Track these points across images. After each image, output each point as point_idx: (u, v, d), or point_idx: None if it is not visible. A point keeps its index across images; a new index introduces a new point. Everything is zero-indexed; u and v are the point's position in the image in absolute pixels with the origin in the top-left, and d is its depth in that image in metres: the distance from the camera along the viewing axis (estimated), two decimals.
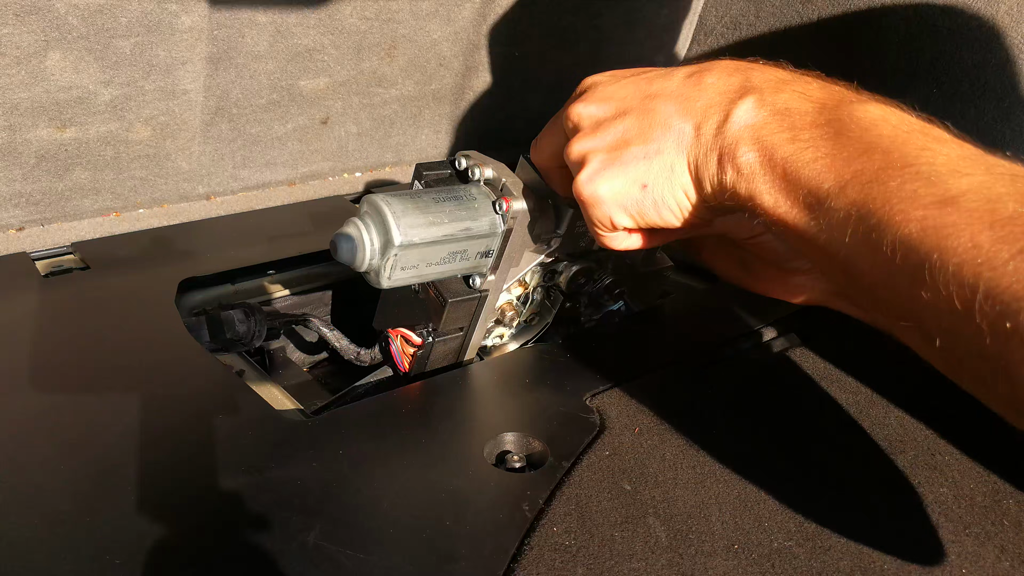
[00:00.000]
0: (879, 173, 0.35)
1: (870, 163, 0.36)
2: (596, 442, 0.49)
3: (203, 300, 0.70)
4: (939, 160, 0.35)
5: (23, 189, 0.71)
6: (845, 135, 0.38)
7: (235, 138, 0.81)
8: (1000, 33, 0.82)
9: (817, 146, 0.38)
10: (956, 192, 0.33)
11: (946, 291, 0.32)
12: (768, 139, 0.40)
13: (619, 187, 0.46)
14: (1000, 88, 0.83)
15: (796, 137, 0.39)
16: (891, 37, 0.90)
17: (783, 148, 0.39)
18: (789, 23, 0.99)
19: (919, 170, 0.34)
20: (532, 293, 0.61)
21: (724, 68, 0.44)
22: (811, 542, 0.43)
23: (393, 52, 0.85)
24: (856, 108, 0.39)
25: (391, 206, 0.48)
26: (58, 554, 0.39)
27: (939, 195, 0.33)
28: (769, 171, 0.40)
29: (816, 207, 0.38)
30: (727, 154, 0.41)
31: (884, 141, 0.37)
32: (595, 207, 0.47)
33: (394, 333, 0.57)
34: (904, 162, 0.35)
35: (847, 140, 0.38)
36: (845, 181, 0.36)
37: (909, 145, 0.36)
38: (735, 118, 0.41)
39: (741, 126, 0.41)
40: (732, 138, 0.41)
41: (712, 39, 1.10)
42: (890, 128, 0.37)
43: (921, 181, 0.34)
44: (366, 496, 0.44)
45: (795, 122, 0.40)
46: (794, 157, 0.39)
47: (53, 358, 0.55)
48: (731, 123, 0.42)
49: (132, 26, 0.67)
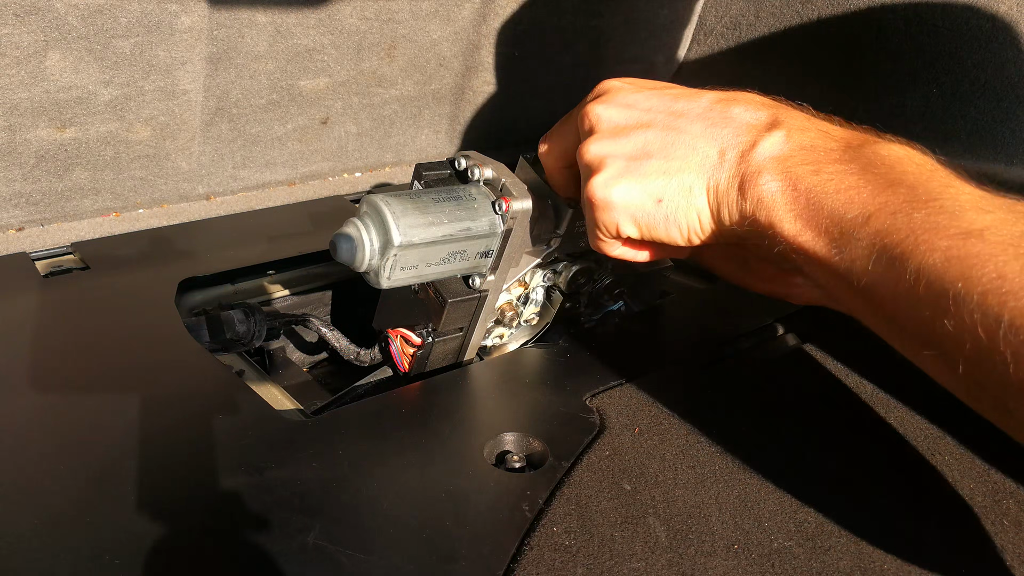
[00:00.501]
0: (904, 205, 0.36)
1: (895, 196, 0.37)
2: (596, 442, 0.49)
3: (203, 300, 0.70)
4: (963, 197, 0.36)
5: (23, 189, 0.71)
6: (870, 171, 0.39)
7: (235, 138, 0.81)
8: (1000, 33, 0.82)
9: (842, 179, 0.39)
10: (981, 226, 0.34)
11: (970, 320, 0.32)
12: (793, 170, 0.41)
13: (634, 197, 0.46)
14: (1000, 88, 0.83)
15: (821, 170, 0.40)
16: (891, 37, 0.90)
17: (807, 179, 0.40)
18: (789, 23, 0.99)
19: (943, 204, 0.35)
20: (532, 293, 0.61)
21: (752, 101, 0.45)
22: (811, 542, 0.43)
23: (393, 52, 0.85)
24: (880, 147, 0.40)
25: (390, 206, 0.48)
26: (58, 554, 0.39)
27: (964, 228, 0.34)
28: (792, 200, 0.40)
29: (839, 237, 0.38)
30: (750, 182, 0.42)
31: (909, 177, 0.37)
32: (605, 212, 0.47)
33: (394, 333, 0.57)
34: (929, 196, 0.36)
35: (872, 175, 0.38)
36: (870, 213, 0.37)
37: (933, 182, 0.37)
38: (761, 148, 0.42)
39: (767, 156, 0.42)
40: (756, 167, 0.42)
41: (712, 39, 1.10)
42: (914, 166, 0.38)
43: (946, 214, 0.35)
44: (366, 496, 0.44)
45: (820, 157, 0.41)
46: (818, 188, 0.39)
47: (53, 358, 0.55)
48: (757, 152, 0.42)
49: (132, 26, 0.67)
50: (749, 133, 0.43)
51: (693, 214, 0.45)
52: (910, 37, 0.88)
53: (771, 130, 0.43)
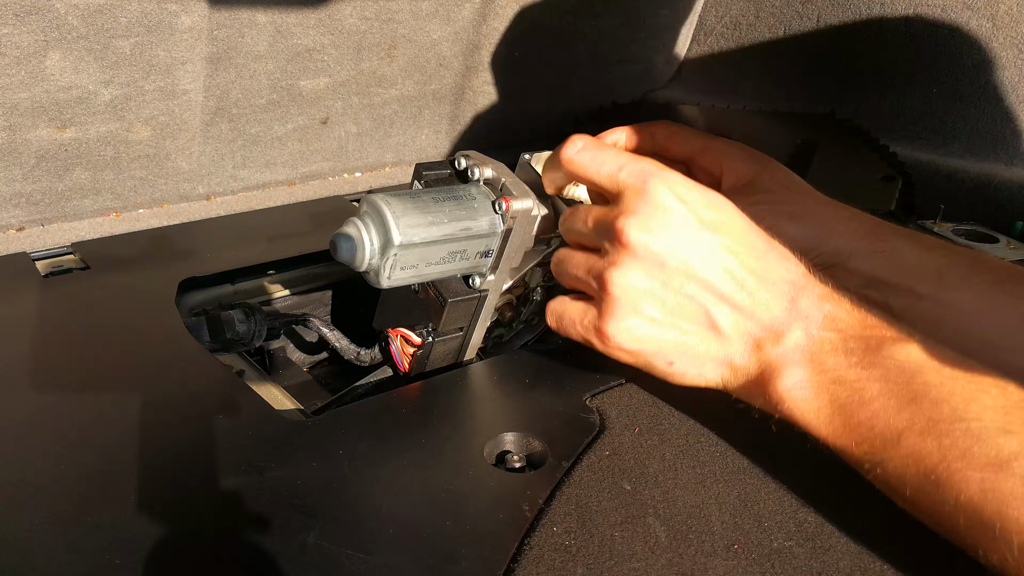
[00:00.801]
0: (931, 425, 0.37)
1: (920, 413, 0.38)
2: (596, 442, 0.49)
3: (203, 300, 0.70)
4: (987, 416, 0.37)
5: (23, 189, 0.71)
6: (892, 381, 0.39)
7: (235, 138, 0.81)
8: (1000, 33, 0.82)
9: (865, 388, 0.40)
10: (1008, 453, 0.35)
11: (1012, 559, 0.34)
12: (815, 379, 0.42)
13: (644, 349, 0.47)
14: (1000, 88, 0.83)
15: (843, 379, 0.41)
16: (891, 37, 0.90)
17: (831, 389, 0.41)
18: (789, 23, 0.99)
19: (969, 426, 0.36)
20: (532, 293, 0.61)
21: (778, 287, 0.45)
22: (811, 542, 0.43)
23: (393, 52, 0.85)
24: (898, 351, 0.40)
25: (390, 206, 0.48)
26: (58, 554, 0.39)
27: (993, 456, 0.35)
28: (817, 409, 0.42)
29: (871, 452, 0.40)
30: (771, 379, 0.43)
31: (932, 391, 0.38)
32: (602, 343, 0.47)
33: (394, 333, 0.57)
34: (954, 416, 0.37)
35: (894, 387, 0.39)
36: (898, 431, 0.38)
37: (956, 396, 0.38)
38: (785, 345, 0.43)
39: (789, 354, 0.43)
40: (776, 367, 0.43)
41: (712, 39, 1.10)
42: (935, 375, 0.39)
43: (973, 438, 0.36)
44: (366, 496, 0.44)
45: (840, 363, 0.41)
46: (844, 399, 0.41)
47: (53, 358, 0.55)
48: (780, 352, 0.43)
49: (132, 26, 0.67)
50: (773, 327, 0.44)
51: (700, 380, 0.47)
52: (910, 37, 0.88)
53: (790, 327, 0.43)
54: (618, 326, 0.46)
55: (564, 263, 0.50)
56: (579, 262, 0.49)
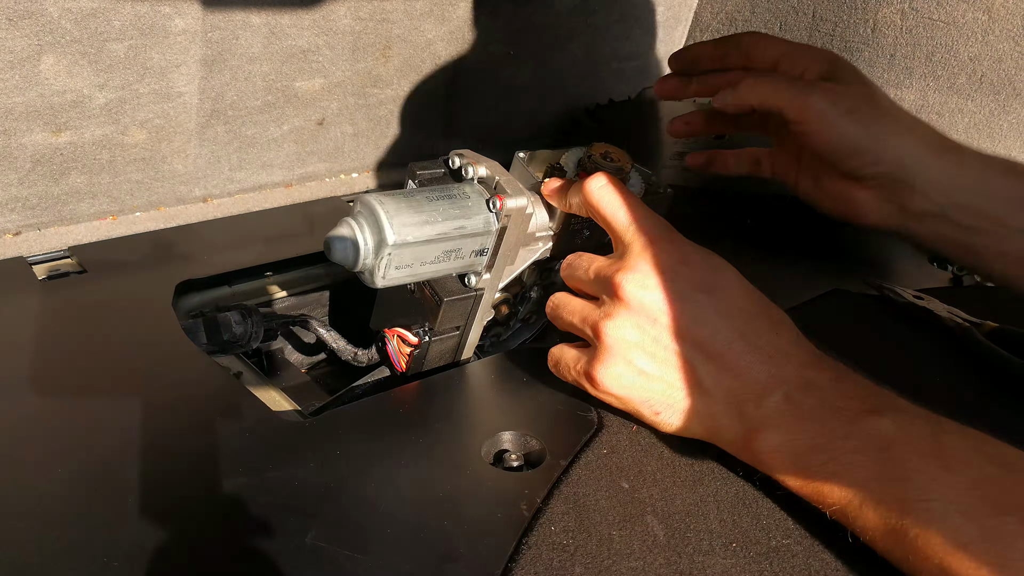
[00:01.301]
0: (896, 502, 0.39)
1: (888, 489, 0.40)
2: (594, 440, 0.49)
3: (200, 302, 0.70)
4: (950, 495, 0.38)
5: (19, 194, 0.71)
6: (863, 453, 0.41)
7: (231, 140, 0.81)
8: (996, 26, 0.82)
9: (838, 459, 0.41)
10: (966, 539, 0.36)
11: None
12: (792, 444, 0.43)
13: (632, 396, 0.48)
14: (997, 81, 0.83)
15: (818, 446, 0.42)
16: (887, 31, 0.90)
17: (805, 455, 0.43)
18: (784, 19, 0.99)
19: (930, 507, 0.38)
20: (528, 292, 0.61)
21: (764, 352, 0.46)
22: (809, 540, 0.43)
23: (388, 52, 0.85)
24: (872, 424, 0.42)
25: (384, 205, 0.48)
26: (57, 557, 0.39)
27: (950, 541, 0.36)
28: (793, 471, 0.43)
29: (842, 516, 0.41)
30: (752, 442, 0.44)
31: (899, 468, 0.40)
32: (595, 390, 0.49)
33: (390, 333, 0.57)
34: (918, 494, 0.38)
35: (866, 459, 0.41)
36: (868, 502, 0.40)
37: (921, 474, 0.39)
38: (765, 408, 0.44)
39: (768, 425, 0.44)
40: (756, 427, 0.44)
41: (708, 35, 1.10)
42: (903, 450, 0.40)
43: (932, 519, 0.37)
44: (364, 496, 0.44)
45: (817, 429, 0.43)
46: (820, 466, 0.42)
47: (51, 362, 0.55)
48: (761, 413, 0.44)
49: (126, 29, 0.67)
50: (752, 392, 0.45)
51: (686, 432, 0.48)
52: (906, 31, 0.88)
53: (771, 392, 0.44)
54: (607, 372, 0.47)
55: (561, 308, 0.52)
56: (575, 309, 0.51)
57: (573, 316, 0.50)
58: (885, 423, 0.42)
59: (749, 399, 0.45)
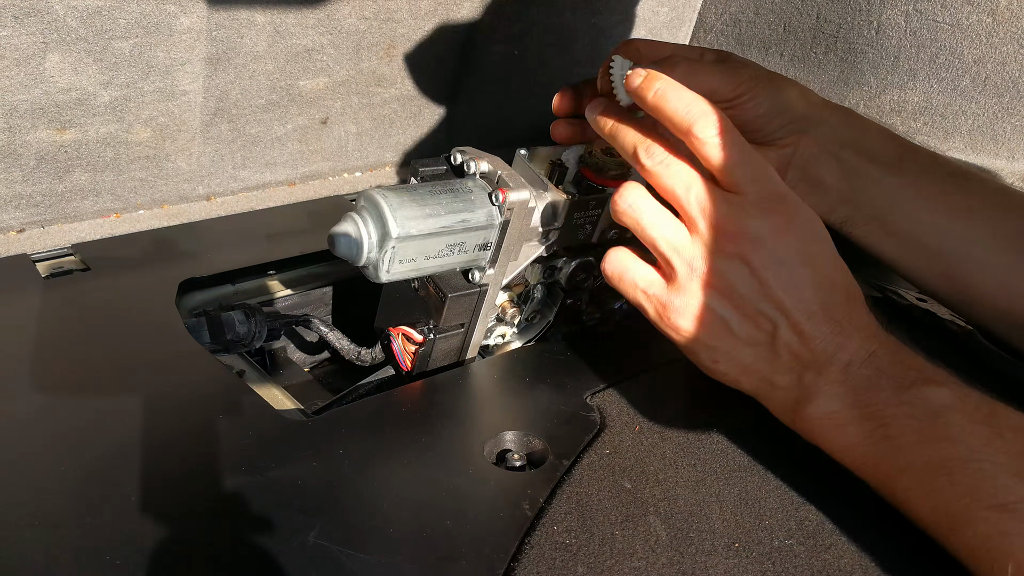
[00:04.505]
0: (945, 463, 0.39)
1: (937, 451, 0.40)
2: (596, 440, 0.49)
3: (203, 301, 0.70)
4: (1000, 458, 0.39)
5: (23, 191, 0.71)
6: (916, 419, 0.42)
7: (235, 139, 0.81)
8: (1000, 28, 0.82)
9: (890, 425, 0.42)
10: (1016, 497, 0.37)
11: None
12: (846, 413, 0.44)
13: (699, 338, 0.47)
14: (1000, 84, 0.83)
15: (871, 415, 0.43)
16: (891, 33, 0.89)
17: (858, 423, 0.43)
18: (789, 20, 0.99)
19: (981, 467, 0.38)
20: (533, 291, 0.61)
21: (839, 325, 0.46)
22: (812, 540, 0.43)
23: (392, 51, 0.85)
24: (928, 392, 0.42)
25: (387, 199, 0.48)
26: (58, 554, 0.39)
27: (1000, 498, 0.37)
28: (843, 439, 0.44)
29: (888, 482, 0.42)
30: (804, 407, 0.45)
31: (952, 431, 0.40)
32: (661, 320, 0.48)
33: (395, 331, 0.57)
34: (969, 455, 0.39)
35: (918, 424, 0.41)
36: (914, 466, 0.40)
37: (973, 437, 0.40)
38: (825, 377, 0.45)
39: (824, 393, 0.45)
40: (812, 394, 0.45)
41: (712, 36, 1.09)
42: (958, 416, 0.41)
43: (983, 478, 0.38)
44: (366, 495, 0.44)
45: (872, 399, 0.43)
46: (870, 432, 0.43)
47: (54, 359, 0.55)
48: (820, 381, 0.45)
49: (131, 27, 0.67)
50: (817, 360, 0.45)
51: (735, 385, 0.48)
52: (910, 33, 0.88)
53: (834, 361, 0.45)
54: (686, 308, 0.46)
55: (643, 213, 0.47)
56: (665, 223, 0.46)
57: (662, 230, 0.46)
58: (942, 392, 0.42)
59: (812, 367, 0.45)
